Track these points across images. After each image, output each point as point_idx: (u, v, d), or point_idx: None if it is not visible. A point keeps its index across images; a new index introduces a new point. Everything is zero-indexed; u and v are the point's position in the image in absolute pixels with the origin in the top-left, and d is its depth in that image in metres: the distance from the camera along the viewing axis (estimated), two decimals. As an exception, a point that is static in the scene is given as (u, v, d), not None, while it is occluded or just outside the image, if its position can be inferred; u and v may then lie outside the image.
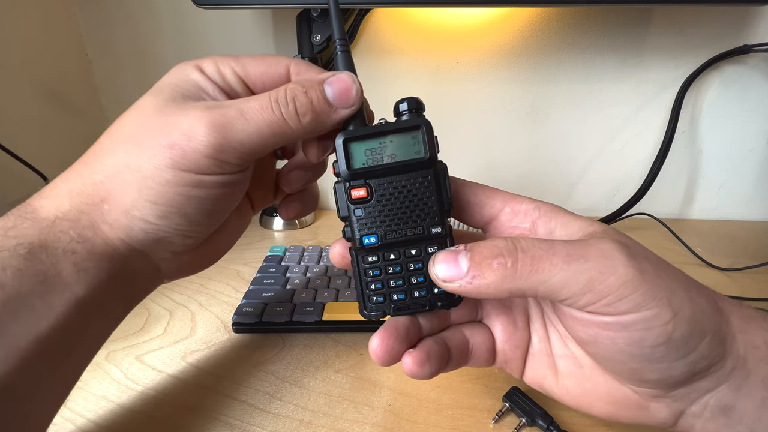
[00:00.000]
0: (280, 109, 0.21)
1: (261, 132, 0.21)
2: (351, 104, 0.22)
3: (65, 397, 0.22)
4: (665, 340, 0.18)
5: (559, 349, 0.24)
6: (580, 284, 0.18)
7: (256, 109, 0.21)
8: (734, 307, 0.20)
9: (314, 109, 0.21)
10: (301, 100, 0.21)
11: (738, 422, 0.20)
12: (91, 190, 0.21)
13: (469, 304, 0.25)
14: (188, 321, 0.39)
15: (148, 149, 0.20)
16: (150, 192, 0.20)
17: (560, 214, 0.22)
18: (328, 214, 0.66)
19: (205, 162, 0.20)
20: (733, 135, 0.59)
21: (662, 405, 0.21)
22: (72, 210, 0.21)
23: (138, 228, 0.21)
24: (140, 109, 0.22)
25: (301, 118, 0.21)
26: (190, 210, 0.21)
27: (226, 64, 0.23)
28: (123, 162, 0.21)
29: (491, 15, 0.56)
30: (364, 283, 0.22)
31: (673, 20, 0.54)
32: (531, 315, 0.25)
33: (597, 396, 0.22)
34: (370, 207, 0.21)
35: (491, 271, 0.19)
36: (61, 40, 0.59)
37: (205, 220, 0.23)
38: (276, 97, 0.21)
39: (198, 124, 0.20)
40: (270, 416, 0.29)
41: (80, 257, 0.20)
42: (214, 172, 0.21)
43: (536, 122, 0.61)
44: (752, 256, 0.49)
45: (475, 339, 0.24)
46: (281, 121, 0.21)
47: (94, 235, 0.21)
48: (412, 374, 0.21)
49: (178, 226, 0.22)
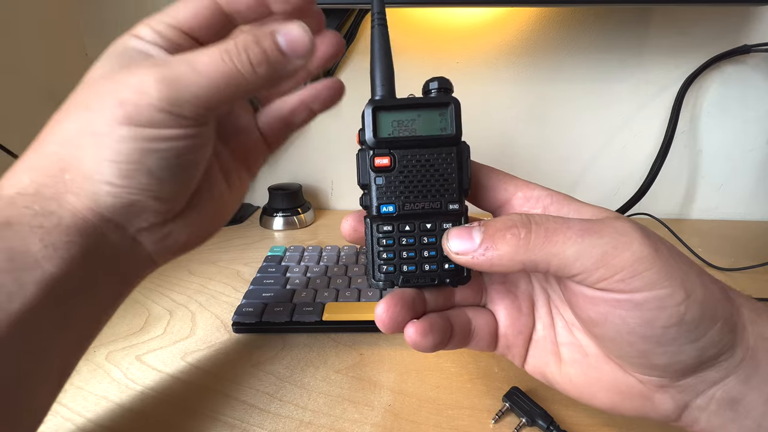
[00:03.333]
0: (232, 59, 0.20)
1: (216, 84, 0.20)
2: (305, 53, 0.21)
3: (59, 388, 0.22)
4: (677, 321, 0.18)
5: (564, 336, 0.23)
6: (593, 258, 0.18)
7: (206, 62, 0.20)
8: (745, 300, 0.20)
9: (269, 59, 0.21)
10: (254, 50, 0.20)
11: (745, 416, 0.19)
12: (47, 162, 0.20)
13: (473, 287, 0.25)
14: (188, 321, 0.39)
15: (100, 110, 0.20)
16: (107, 151, 0.20)
17: (572, 202, 0.23)
18: (328, 214, 0.66)
19: (159, 116, 0.20)
20: (733, 135, 0.59)
21: (667, 396, 0.20)
22: (32, 184, 0.20)
23: (104, 192, 0.20)
24: (87, 80, 0.21)
25: (257, 68, 0.20)
26: (152, 166, 0.20)
27: (158, 21, 0.22)
28: (76, 128, 0.20)
29: (491, 15, 0.56)
30: (375, 252, 0.22)
31: (673, 20, 0.54)
32: (536, 302, 0.25)
33: (601, 385, 0.22)
34: (391, 176, 0.22)
35: (504, 242, 0.19)
36: (61, 40, 0.59)
37: (172, 179, 0.21)
38: (226, 48, 0.20)
39: (148, 79, 0.19)
40: (270, 416, 0.29)
41: (46, 231, 0.19)
42: (171, 126, 0.20)
43: (536, 122, 0.61)
44: (752, 256, 0.49)
45: (478, 321, 0.24)
46: (235, 71, 0.20)
47: (59, 207, 0.20)
48: (415, 344, 0.21)
49: (145, 186, 0.21)
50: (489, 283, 0.25)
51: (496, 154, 0.63)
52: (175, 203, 0.23)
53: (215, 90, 0.20)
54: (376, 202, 0.22)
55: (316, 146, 0.65)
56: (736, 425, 0.20)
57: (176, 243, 0.24)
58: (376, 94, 0.23)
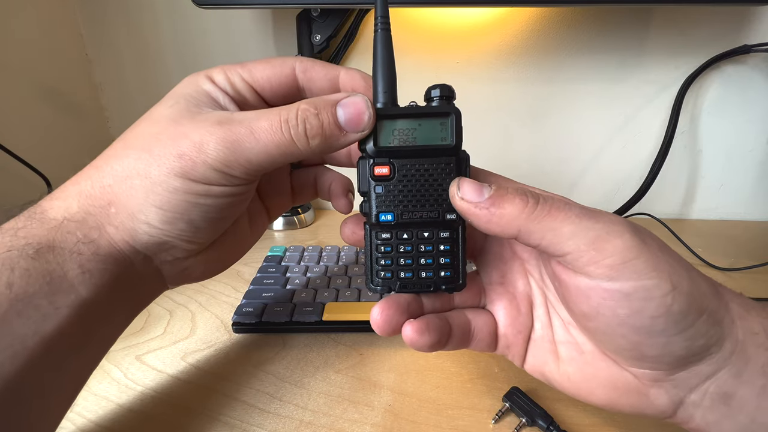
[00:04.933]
0: (290, 130, 0.21)
1: (269, 151, 0.21)
2: (362, 129, 0.22)
3: (72, 401, 0.22)
4: (664, 312, 0.19)
5: (562, 335, 0.24)
6: (586, 239, 0.19)
7: (265, 128, 0.21)
8: (734, 295, 0.21)
9: (324, 133, 0.21)
10: (311, 123, 0.21)
11: (738, 411, 0.20)
12: (99, 193, 0.21)
13: (472, 289, 0.25)
14: (188, 321, 0.39)
15: (159, 157, 0.21)
16: (157, 198, 0.21)
17: None
18: (328, 214, 0.66)
19: (212, 174, 0.21)
20: (733, 135, 0.59)
21: (662, 391, 0.21)
22: (79, 211, 0.21)
23: (143, 231, 0.21)
24: (154, 118, 0.22)
25: (310, 141, 0.21)
26: (195, 217, 0.22)
27: (235, 72, 0.23)
28: (133, 167, 0.21)
29: (491, 15, 0.56)
30: (374, 258, 0.23)
31: (673, 20, 0.54)
32: (534, 302, 0.25)
33: (598, 382, 0.22)
34: (390, 185, 0.22)
35: (511, 205, 0.20)
36: (61, 40, 0.59)
37: (208, 227, 0.23)
38: (287, 118, 0.21)
39: (209, 138, 0.20)
40: (270, 416, 0.29)
41: (85, 258, 0.20)
42: (221, 184, 0.21)
43: (536, 122, 0.61)
44: (752, 256, 0.49)
45: (478, 322, 0.24)
46: (289, 142, 0.21)
47: (100, 236, 0.21)
48: (412, 342, 0.22)
49: (182, 232, 0.22)
50: (488, 284, 0.26)
51: (495, 154, 0.63)
52: (203, 245, 0.24)
53: (266, 156, 0.21)
54: (375, 210, 0.22)
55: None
56: (730, 421, 0.20)
57: (192, 274, 0.26)
58: (377, 102, 0.22)
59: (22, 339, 0.18)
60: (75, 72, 0.61)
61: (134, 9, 0.59)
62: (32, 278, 0.19)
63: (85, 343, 0.21)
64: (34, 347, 0.19)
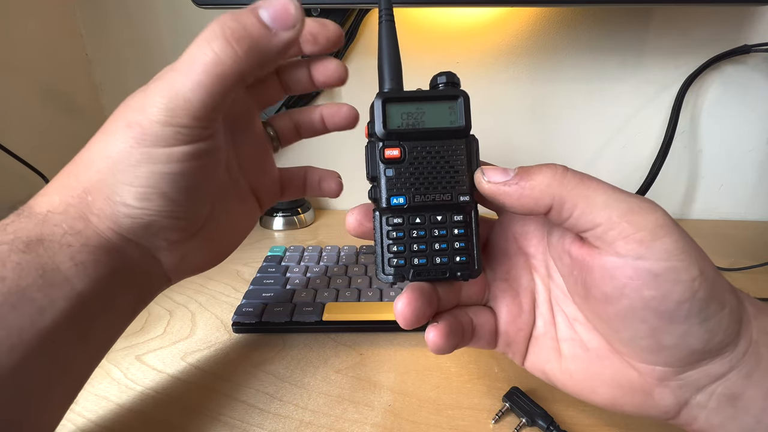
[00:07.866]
0: (210, 46, 0.19)
1: (200, 81, 0.19)
2: (293, 24, 0.20)
3: (74, 396, 0.22)
4: (690, 297, 0.18)
5: (565, 332, 0.23)
6: (619, 210, 0.18)
7: (186, 58, 0.19)
8: (746, 296, 0.21)
9: (251, 35, 0.19)
10: (231, 26, 0.19)
11: (744, 412, 0.19)
12: (74, 183, 0.21)
13: (477, 284, 0.25)
14: (188, 321, 0.39)
15: (112, 133, 0.21)
16: (123, 175, 0.20)
17: None
18: (328, 213, 0.66)
19: (163, 131, 0.20)
20: (733, 135, 0.59)
21: (667, 391, 0.20)
22: (61, 203, 0.21)
23: (122, 214, 0.21)
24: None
25: (236, 46, 0.19)
26: (167, 189, 0.21)
27: None
28: (95, 151, 0.21)
29: (491, 15, 0.56)
30: (385, 246, 0.22)
31: (673, 20, 0.54)
32: (537, 298, 0.25)
33: (602, 380, 0.22)
34: (401, 168, 0.22)
35: (541, 174, 0.20)
36: (61, 40, 0.59)
37: (186, 199, 0.22)
38: (204, 35, 0.19)
39: (146, 97, 0.20)
40: (270, 416, 0.29)
41: (75, 250, 0.20)
42: (178, 142, 0.20)
43: (536, 122, 0.61)
44: (752, 256, 0.49)
45: (479, 319, 0.24)
46: (215, 60, 0.19)
47: (86, 227, 0.21)
48: (437, 347, 0.21)
49: (161, 207, 0.21)
50: (492, 280, 0.25)
51: (496, 154, 0.63)
52: (191, 222, 0.24)
53: (202, 88, 0.19)
54: (386, 194, 0.22)
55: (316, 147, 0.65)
56: (735, 422, 0.19)
57: (192, 263, 0.25)
58: (384, 87, 0.23)
59: (18, 332, 0.18)
60: (75, 72, 0.61)
61: (134, 9, 0.59)
62: (24, 271, 0.19)
63: (86, 337, 0.21)
64: (32, 340, 0.18)
